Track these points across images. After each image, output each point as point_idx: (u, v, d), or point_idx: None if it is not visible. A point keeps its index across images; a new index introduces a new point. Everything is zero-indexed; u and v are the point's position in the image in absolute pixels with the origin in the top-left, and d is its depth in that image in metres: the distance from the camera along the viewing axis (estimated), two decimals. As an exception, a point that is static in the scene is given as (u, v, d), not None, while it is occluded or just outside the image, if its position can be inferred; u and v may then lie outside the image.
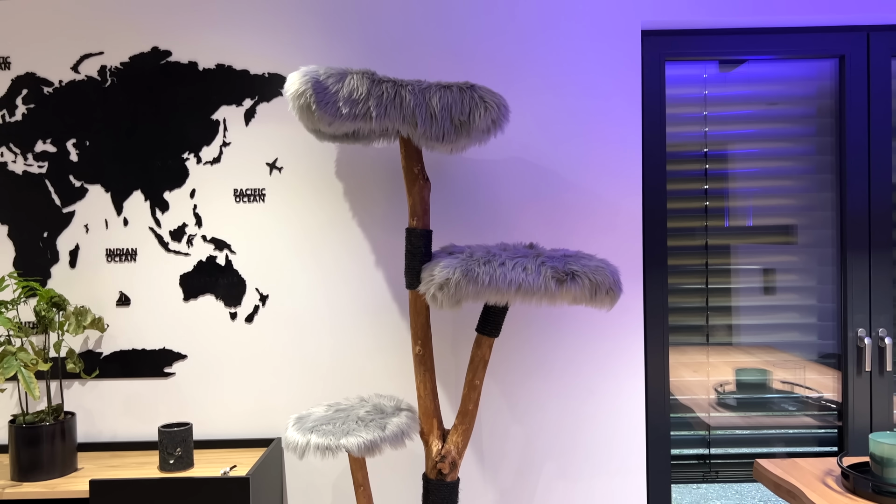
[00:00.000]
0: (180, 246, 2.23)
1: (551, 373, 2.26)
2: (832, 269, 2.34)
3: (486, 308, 1.89)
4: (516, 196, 2.24)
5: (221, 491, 1.87)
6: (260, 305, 2.24)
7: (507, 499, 2.26)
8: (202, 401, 2.25)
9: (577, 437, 2.26)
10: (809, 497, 1.83)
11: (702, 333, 2.37)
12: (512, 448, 2.26)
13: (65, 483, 1.95)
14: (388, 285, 2.24)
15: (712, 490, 4.74)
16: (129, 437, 2.25)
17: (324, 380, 2.25)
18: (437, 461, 1.94)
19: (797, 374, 2.38)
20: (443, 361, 2.25)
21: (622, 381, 2.26)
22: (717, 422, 2.37)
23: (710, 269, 2.36)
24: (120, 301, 2.24)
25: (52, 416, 2.04)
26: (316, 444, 1.83)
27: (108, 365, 2.24)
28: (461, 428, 1.96)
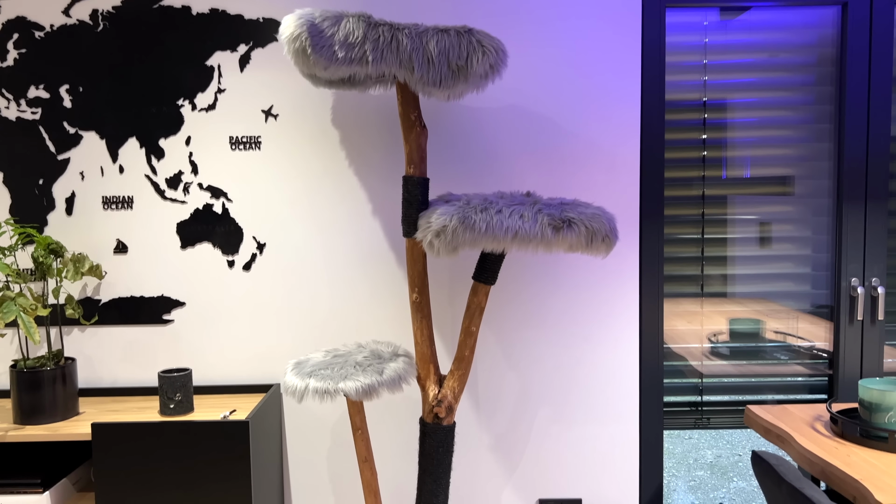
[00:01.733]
0: (176, 194, 2.23)
1: (546, 320, 2.28)
2: (828, 220, 2.35)
3: (483, 256, 1.90)
4: (513, 145, 2.23)
5: (221, 434, 1.91)
6: (257, 254, 2.24)
7: (502, 443, 2.30)
8: (201, 348, 2.27)
9: (571, 384, 2.29)
10: (798, 441, 1.87)
11: (696, 283, 2.39)
12: (507, 394, 2.30)
13: (67, 426, 1.99)
14: (384, 234, 2.25)
15: (703, 440, 4.83)
16: (129, 382, 2.28)
17: (322, 327, 2.27)
18: (433, 405, 1.98)
19: (790, 324, 2.41)
20: (439, 309, 2.27)
21: (616, 330, 2.28)
22: (709, 370, 2.41)
23: (706, 220, 2.37)
24: (117, 249, 2.24)
25: (52, 361, 2.06)
26: (314, 388, 1.85)
27: (106, 312, 2.25)
28: (457, 373, 1.99)
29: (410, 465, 2.31)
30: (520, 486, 2.31)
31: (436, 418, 1.99)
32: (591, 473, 2.31)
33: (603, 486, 2.32)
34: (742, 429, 2.52)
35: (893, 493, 1.55)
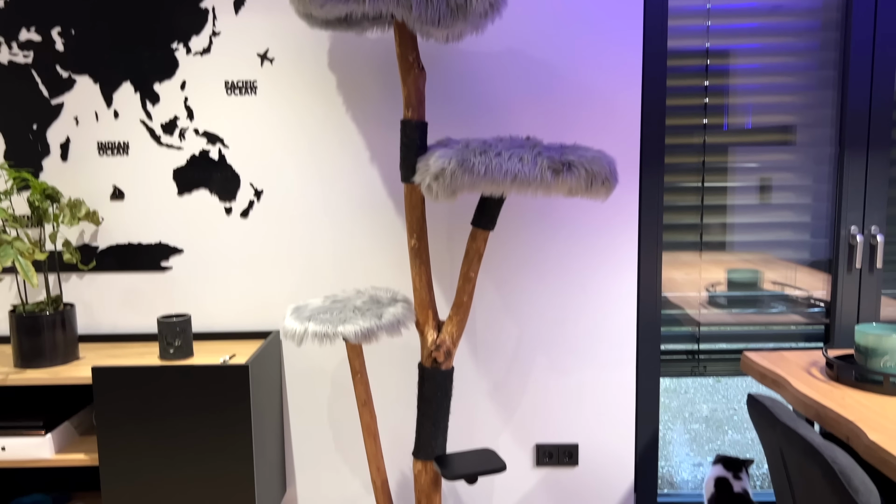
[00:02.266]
0: (172, 139, 2.20)
1: (544, 268, 2.28)
2: (829, 168, 2.34)
3: (482, 200, 1.89)
4: (513, 91, 2.20)
5: (221, 378, 1.92)
6: (255, 201, 2.23)
7: (500, 389, 2.32)
8: (200, 295, 2.27)
9: (569, 332, 2.30)
10: (793, 385, 1.89)
11: (696, 232, 2.38)
12: (505, 341, 2.31)
13: (67, 370, 2.00)
14: (383, 181, 2.23)
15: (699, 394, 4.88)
16: (128, 329, 2.29)
17: (320, 275, 2.27)
18: (432, 350, 1.99)
19: (788, 276, 2.41)
20: (438, 256, 2.27)
21: (615, 278, 2.28)
22: (707, 319, 2.42)
23: (706, 168, 2.35)
24: (114, 195, 2.22)
25: (51, 306, 2.06)
26: (314, 331, 1.86)
27: (104, 259, 2.25)
28: (456, 319, 1.99)
29: (409, 410, 2.33)
30: (517, 432, 2.34)
31: (434, 363, 2.00)
32: (588, 420, 2.34)
33: (599, 432, 2.34)
34: (738, 376, 2.54)
35: (886, 432, 1.57)
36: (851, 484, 1.45)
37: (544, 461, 2.35)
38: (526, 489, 2.36)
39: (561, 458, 2.35)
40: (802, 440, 1.54)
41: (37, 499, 2.20)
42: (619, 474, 2.36)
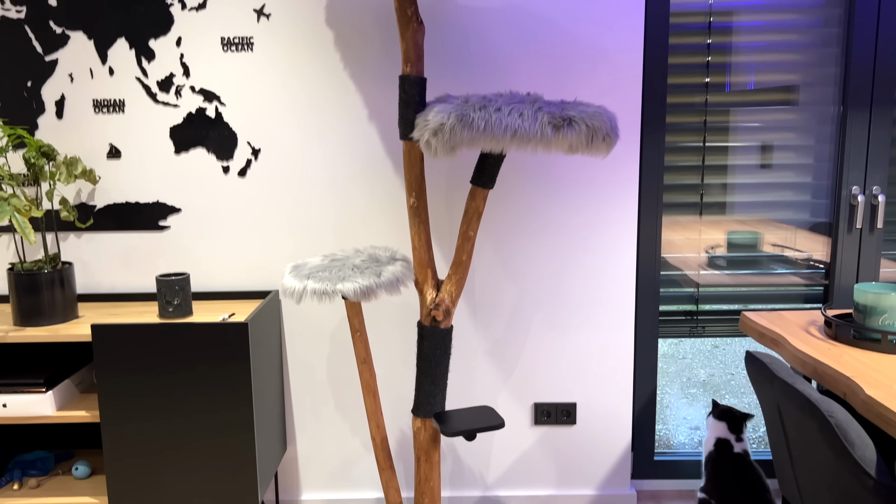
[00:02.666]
0: (168, 97, 2.18)
1: (544, 228, 2.27)
2: (831, 128, 2.32)
3: (482, 157, 1.87)
4: (513, 47, 2.17)
5: (221, 336, 1.92)
6: (252, 159, 2.21)
7: (499, 349, 2.33)
8: (198, 254, 2.27)
9: (568, 291, 2.30)
10: (792, 343, 1.89)
11: (696, 192, 2.37)
12: (503, 301, 2.31)
13: (67, 328, 2.00)
14: (381, 139, 2.22)
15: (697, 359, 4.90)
16: (127, 288, 2.29)
17: (318, 234, 2.26)
18: (431, 309, 1.99)
19: (788, 239, 2.41)
20: (437, 215, 2.26)
21: (614, 238, 2.28)
22: (706, 280, 2.41)
23: (708, 127, 2.33)
24: (110, 153, 2.21)
25: (49, 264, 2.05)
26: (313, 288, 1.86)
27: (102, 218, 2.24)
28: (455, 278, 1.99)
29: (408, 368, 2.34)
30: (515, 391, 2.35)
31: (433, 322, 2.00)
32: (586, 379, 2.35)
33: (597, 391, 2.35)
34: (736, 337, 2.54)
35: (883, 388, 1.57)
36: (848, 437, 1.46)
37: (542, 420, 2.36)
38: (524, 447, 2.38)
39: (559, 416, 2.36)
40: (800, 395, 1.55)
41: (39, 455, 2.22)
42: (616, 433, 2.38)
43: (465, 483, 2.41)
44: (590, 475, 2.41)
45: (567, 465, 2.40)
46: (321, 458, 2.38)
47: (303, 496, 2.41)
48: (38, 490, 2.10)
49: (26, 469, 2.17)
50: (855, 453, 1.45)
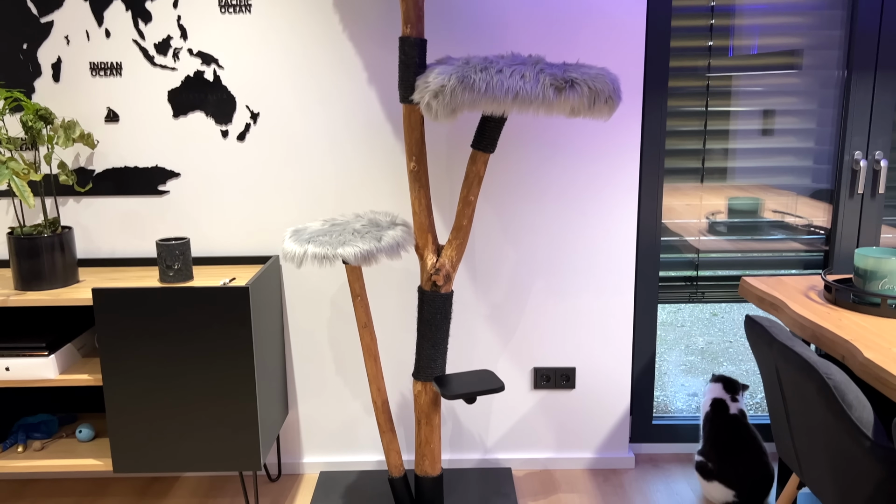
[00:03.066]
0: (166, 60, 2.16)
1: (544, 193, 2.26)
2: (835, 92, 2.30)
3: (483, 121, 1.86)
4: (515, 9, 2.14)
5: (222, 300, 1.93)
6: (251, 123, 2.20)
7: (499, 313, 2.34)
8: (198, 219, 2.26)
9: (568, 256, 2.30)
10: (791, 307, 1.90)
11: (698, 157, 2.35)
12: (503, 266, 2.31)
13: (67, 292, 2.00)
14: (381, 103, 2.20)
15: (695, 327, 4.92)
16: (127, 253, 2.28)
17: (318, 199, 2.26)
18: (431, 274, 1.99)
19: (789, 205, 2.40)
20: (437, 180, 2.25)
21: (615, 203, 2.27)
22: (706, 246, 2.41)
23: (710, 92, 2.31)
24: (108, 117, 2.19)
25: (49, 229, 2.05)
26: (313, 253, 1.85)
27: (101, 182, 2.23)
28: (455, 243, 1.99)
29: (409, 333, 2.35)
30: (515, 355, 2.37)
31: (434, 286, 2.01)
32: (586, 344, 2.36)
33: (596, 356, 2.37)
34: (735, 302, 2.55)
35: (881, 350, 1.58)
36: (845, 399, 1.47)
37: (542, 384, 2.38)
38: (523, 411, 2.40)
39: (558, 381, 2.38)
40: (798, 357, 1.56)
41: (43, 418, 2.24)
42: (615, 398, 2.40)
43: (465, 446, 2.43)
44: (588, 439, 2.43)
45: (566, 428, 2.42)
46: (322, 422, 2.41)
47: (304, 459, 2.43)
48: (43, 452, 2.12)
49: (30, 432, 2.19)
50: (852, 415, 1.46)
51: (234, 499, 2.29)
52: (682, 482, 2.35)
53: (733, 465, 2.10)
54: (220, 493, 2.32)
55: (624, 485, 2.34)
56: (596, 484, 2.34)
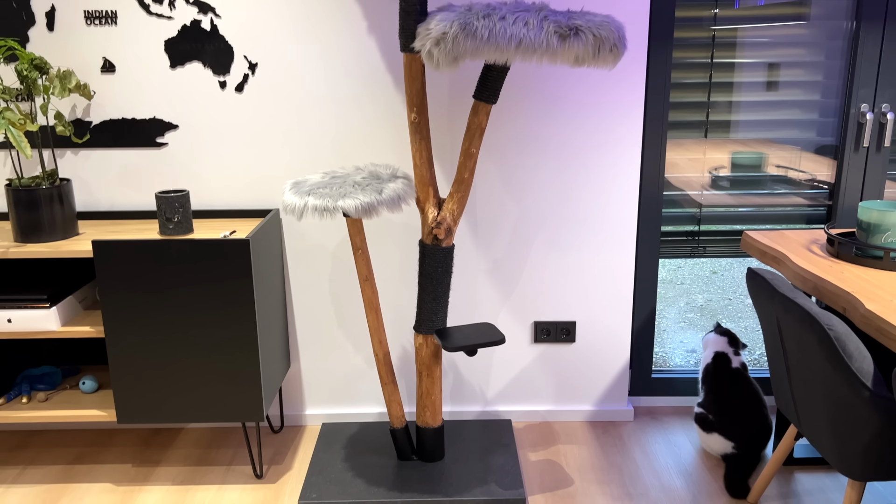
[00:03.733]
0: (162, 8, 2.11)
1: (546, 146, 2.24)
2: (842, 44, 2.26)
3: (485, 70, 1.83)
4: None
5: (223, 253, 1.92)
6: (249, 74, 2.16)
7: (499, 268, 2.33)
8: (197, 172, 2.24)
9: (569, 210, 2.29)
10: (793, 260, 1.90)
11: (702, 111, 2.32)
12: (505, 220, 2.30)
13: (67, 245, 1.99)
14: (381, 53, 2.16)
15: (695, 285, 4.93)
16: (127, 206, 2.27)
17: (317, 151, 2.23)
18: (432, 227, 1.98)
19: (792, 161, 2.38)
20: (438, 132, 2.23)
21: (618, 156, 2.25)
22: (708, 200, 2.40)
23: (716, 43, 2.27)
24: (104, 68, 2.15)
25: (47, 180, 2.03)
26: (314, 205, 1.84)
27: (98, 134, 2.20)
28: (456, 196, 1.97)
29: (410, 288, 2.35)
30: (516, 310, 2.37)
31: (435, 240, 2.00)
32: (586, 298, 2.36)
33: (597, 310, 2.37)
34: (737, 257, 2.54)
35: (883, 303, 1.58)
36: (846, 350, 1.48)
37: (542, 338, 2.39)
38: (523, 364, 2.42)
39: (558, 335, 2.39)
40: (800, 309, 1.56)
41: (46, 370, 2.26)
42: (615, 351, 2.41)
43: (466, 398, 2.45)
44: (588, 392, 2.45)
45: (566, 381, 2.44)
46: (324, 375, 2.42)
47: (307, 411, 2.46)
48: (47, 403, 2.14)
49: (34, 383, 2.21)
50: (853, 365, 1.47)
51: (237, 449, 2.32)
52: (680, 434, 2.37)
53: (733, 418, 2.13)
54: (223, 444, 2.35)
55: (623, 436, 2.36)
56: (595, 435, 2.37)
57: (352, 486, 2.07)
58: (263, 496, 2.07)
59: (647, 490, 2.07)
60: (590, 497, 2.04)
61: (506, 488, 2.05)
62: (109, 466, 2.23)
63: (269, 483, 2.14)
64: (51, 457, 2.29)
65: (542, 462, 2.22)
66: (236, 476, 2.18)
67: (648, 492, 2.07)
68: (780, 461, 1.95)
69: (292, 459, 2.26)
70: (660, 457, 2.25)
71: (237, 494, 2.08)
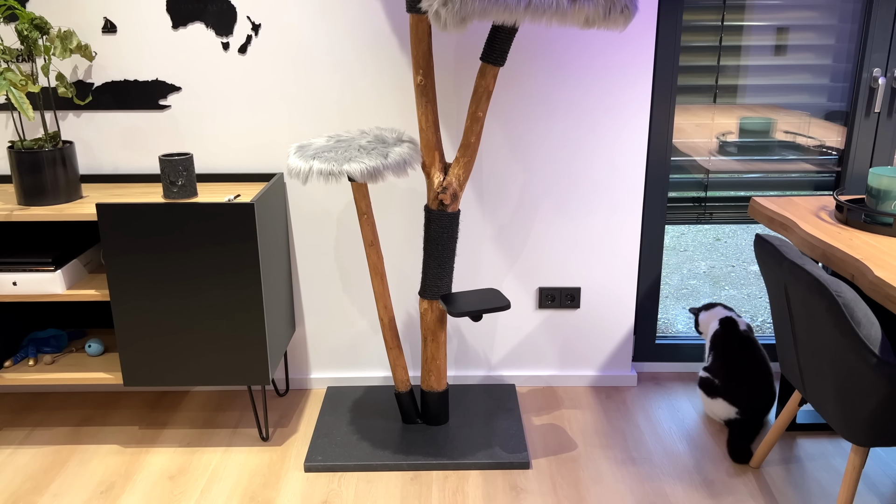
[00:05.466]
0: (163, -33, 2.07)
1: (554, 110, 2.21)
2: (855, 6, 2.21)
3: (493, 31, 1.80)
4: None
5: (227, 216, 1.91)
6: (252, 35, 2.13)
7: (505, 234, 2.33)
8: (201, 135, 2.22)
9: (576, 175, 2.27)
10: (802, 227, 1.88)
11: (712, 75, 2.29)
12: (511, 185, 2.28)
13: (71, 207, 1.98)
14: (387, 14, 2.12)
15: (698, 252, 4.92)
16: (130, 169, 2.25)
17: (322, 114, 2.21)
18: (438, 192, 1.96)
19: (801, 127, 2.35)
20: (444, 96, 2.20)
21: (626, 121, 2.22)
22: (716, 166, 2.38)
23: (727, 5, 2.22)
24: (105, 28, 2.12)
25: (50, 142, 2.02)
26: (318, 169, 1.83)
27: (100, 96, 2.18)
28: (462, 161, 1.95)
29: (415, 253, 2.35)
30: (521, 276, 2.37)
31: (441, 205, 1.99)
32: (591, 264, 2.36)
33: (602, 276, 2.37)
34: (744, 224, 2.53)
35: (892, 269, 1.57)
36: (854, 316, 1.47)
37: (546, 304, 2.39)
38: (528, 330, 2.42)
39: (563, 300, 2.39)
40: (808, 275, 1.55)
41: (52, 333, 2.26)
42: (619, 317, 2.41)
43: (470, 363, 2.46)
44: (592, 357, 2.46)
45: (570, 347, 2.45)
46: (329, 339, 2.43)
47: (312, 375, 2.47)
48: (54, 366, 2.15)
49: (40, 346, 2.22)
50: (860, 332, 1.47)
51: (243, 412, 2.34)
52: (683, 399, 2.39)
53: (739, 382, 2.13)
54: (229, 407, 2.37)
55: (626, 401, 2.38)
56: (598, 400, 2.39)
57: (357, 449, 2.09)
58: (269, 458, 2.09)
59: (651, 454, 2.09)
60: (593, 461, 2.06)
61: (510, 452, 2.06)
62: (116, 428, 2.25)
63: (275, 445, 2.16)
64: (58, 418, 2.31)
65: (546, 426, 2.24)
66: (242, 438, 2.20)
67: (651, 456, 2.08)
68: (784, 427, 1.96)
69: (298, 422, 2.28)
70: (663, 422, 2.26)
71: (243, 457, 2.10)
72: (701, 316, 2.33)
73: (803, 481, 1.97)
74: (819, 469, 2.02)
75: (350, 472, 2.03)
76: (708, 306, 2.34)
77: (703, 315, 2.32)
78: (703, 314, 2.32)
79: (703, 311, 2.33)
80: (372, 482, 1.98)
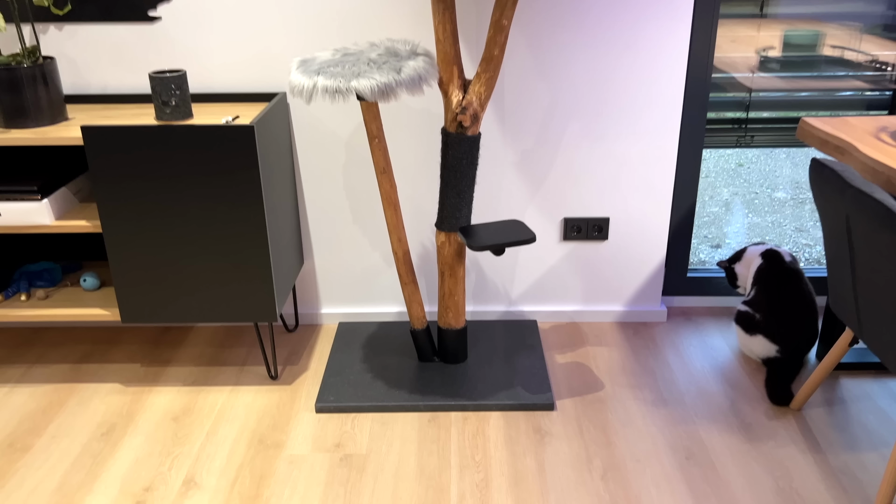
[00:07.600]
0: None
1: (584, 22, 1.99)
2: None
3: (521, -74, 1.57)
4: None
5: (225, 140, 1.74)
6: (249, -65, 1.90)
7: (528, 160, 2.14)
8: (195, 49, 2.02)
9: (607, 96, 2.07)
10: (861, 150, 1.70)
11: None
12: (535, 106, 2.08)
13: (56, 130, 1.81)
14: None
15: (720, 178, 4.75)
16: (120, 89, 2.07)
17: (327, 24, 2.00)
18: (457, 113, 1.78)
19: (851, 42, 2.13)
20: (463, 3, 1.98)
21: (665, 34, 2.00)
22: (758, 85, 2.17)
23: None
24: (84, -72, 1.90)
25: (28, 58, 1.83)
26: (324, 85, 1.64)
27: (82, 6, 1.97)
28: (484, 76, 1.76)
29: (430, 181, 2.17)
30: (544, 205, 2.20)
31: (460, 127, 1.81)
32: (622, 192, 2.18)
33: (633, 205, 2.19)
34: (786, 147, 2.34)
35: (972, 198, 1.39)
36: (930, 251, 1.31)
37: (572, 235, 2.23)
38: (551, 263, 2.27)
39: (590, 232, 2.22)
40: (877, 204, 1.38)
41: (46, 266, 2.13)
42: (650, 249, 2.25)
43: (489, 298, 2.32)
44: (619, 292, 2.31)
45: (596, 281, 2.30)
46: (340, 273, 2.29)
47: (322, 310, 2.34)
48: (47, 301, 2.02)
49: (33, 280, 2.08)
50: (936, 268, 1.31)
51: (250, 349, 2.22)
52: (716, 335, 2.25)
53: (781, 319, 1.98)
54: (236, 343, 2.25)
55: (655, 338, 2.24)
56: (625, 337, 2.25)
57: (371, 389, 1.97)
58: (279, 398, 1.99)
59: (682, 395, 1.97)
60: (621, 402, 1.94)
61: (533, 392, 1.95)
62: (118, 366, 2.14)
63: (285, 384, 2.04)
64: (57, 355, 2.20)
65: (570, 365, 2.11)
66: (250, 377, 2.08)
67: (683, 397, 1.96)
68: (831, 367, 1.82)
69: (308, 360, 2.16)
70: (695, 360, 2.13)
71: (251, 396, 1.99)
72: (737, 268, 2.14)
73: (847, 424, 1.84)
74: (864, 411, 1.89)
75: (364, 412, 1.92)
76: (738, 255, 2.15)
77: (739, 266, 2.13)
78: (737, 265, 2.14)
79: (735, 263, 2.14)
80: (387, 424, 1.87)
